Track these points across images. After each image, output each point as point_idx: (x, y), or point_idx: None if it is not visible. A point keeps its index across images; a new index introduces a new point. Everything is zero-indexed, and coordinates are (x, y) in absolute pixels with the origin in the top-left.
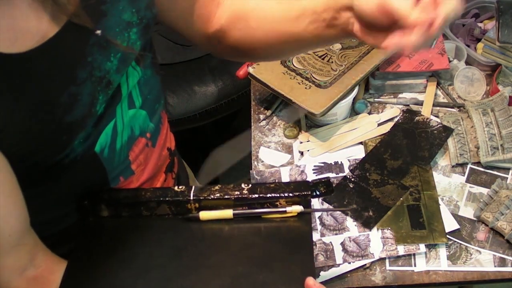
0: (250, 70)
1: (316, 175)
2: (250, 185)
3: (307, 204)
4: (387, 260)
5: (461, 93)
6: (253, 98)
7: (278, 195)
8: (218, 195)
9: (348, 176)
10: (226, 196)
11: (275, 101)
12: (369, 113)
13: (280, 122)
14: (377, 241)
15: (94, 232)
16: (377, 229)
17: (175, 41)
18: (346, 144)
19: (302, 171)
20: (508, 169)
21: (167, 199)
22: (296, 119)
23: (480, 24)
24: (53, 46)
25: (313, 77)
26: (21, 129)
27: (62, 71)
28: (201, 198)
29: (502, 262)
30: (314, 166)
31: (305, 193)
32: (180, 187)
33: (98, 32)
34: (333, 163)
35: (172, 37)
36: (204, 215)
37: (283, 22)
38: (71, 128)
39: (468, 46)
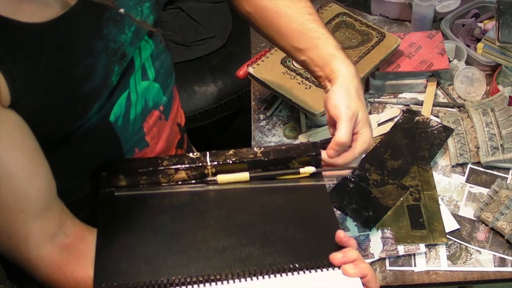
0: (250, 70)
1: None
2: (262, 148)
3: (318, 164)
4: (387, 260)
5: (461, 93)
6: (253, 98)
7: (290, 155)
8: (234, 159)
9: (348, 176)
10: (242, 160)
11: (275, 101)
12: (369, 113)
13: (280, 122)
14: (377, 241)
15: (113, 202)
16: (377, 229)
17: (175, 41)
18: None
19: None
20: (508, 169)
21: (185, 165)
22: None
23: (480, 24)
24: (71, 18)
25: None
26: (39, 98)
27: (80, 43)
28: (218, 162)
29: (502, 262)
30: None
31: (314, 153)
32: (195, 153)
33: (122, 10)
34: None
35: (172, 37)
36: (222, 178)
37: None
38: (87, 98)
39: (468, 46)
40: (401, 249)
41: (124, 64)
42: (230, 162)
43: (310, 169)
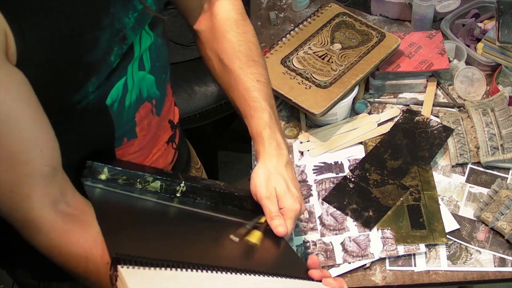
0: None
1: (316, 175)
2: (223, 184)
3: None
4: (387, 260)
5: (461, 93)
6: None
7: (247, 195)
8: (204, 183)
9: (348, 176)
10: (209, 188)
11: (275, 101)
12: (369, 113)
13: (280, 122)
14: (377, 241)
15: (94, 192)
16: (377, 229)
17: (175, 41)
18: (346, 144)
19: (302, 171)
20: (508, 169)
21: (163, 177)
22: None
23: (480, 24)
24: None
25: (313, 77)
26: (48, 59)
27: (90, 13)
28: (191, 184)
29: (502, 262)
30: (314, 166)
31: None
32: (171, 171)
33: None
34: (333, 163)
35: (172, 37)
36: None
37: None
38: (88, 67)
39: (468, 46)
40: (401, 249)
41: (124, 47)
42: (200, 186)
43: (257, 237)
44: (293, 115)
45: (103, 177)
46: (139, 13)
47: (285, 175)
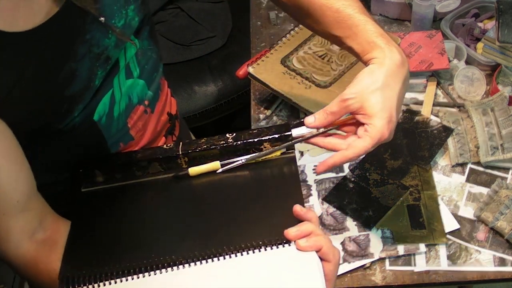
0: (250, 70)
1: (316, 175)
2: (234, 134)
3: (290, 146)
4: (387, 260)
5: (461, 93)
6: (253, 98)
7: (261, 138)
8: (205, 146)
9: (348, 176)
10: (213, 146)
11: (275, 101)
12: None
13: (280, 122)
14: (377, 241)
15: (90, 198)
16: (377, 229)
17: (175, 41)
18: None
19: (302, 171)
20: (508, 169)
21: (158, 156)
22: None
23: (480, 24)
24: (54, 25)
25: (313, 77)
26: (22, 100)
27: (62, 48)
28: (189, 151)
29: (502, 262)
30: (314, 166)
31: (286, 133)
32: (168, 145)
33: (102, 19)
34: None
35: (172, 37)
36: (193, 170)
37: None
38: (70, 100)
39: (468, 46)
40: (401, 249)
41: (108, 68)
42: (202, 149)
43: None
44: (293, 115)
45: (100, 179)
46: (120, 29)
47: (394, 92)
